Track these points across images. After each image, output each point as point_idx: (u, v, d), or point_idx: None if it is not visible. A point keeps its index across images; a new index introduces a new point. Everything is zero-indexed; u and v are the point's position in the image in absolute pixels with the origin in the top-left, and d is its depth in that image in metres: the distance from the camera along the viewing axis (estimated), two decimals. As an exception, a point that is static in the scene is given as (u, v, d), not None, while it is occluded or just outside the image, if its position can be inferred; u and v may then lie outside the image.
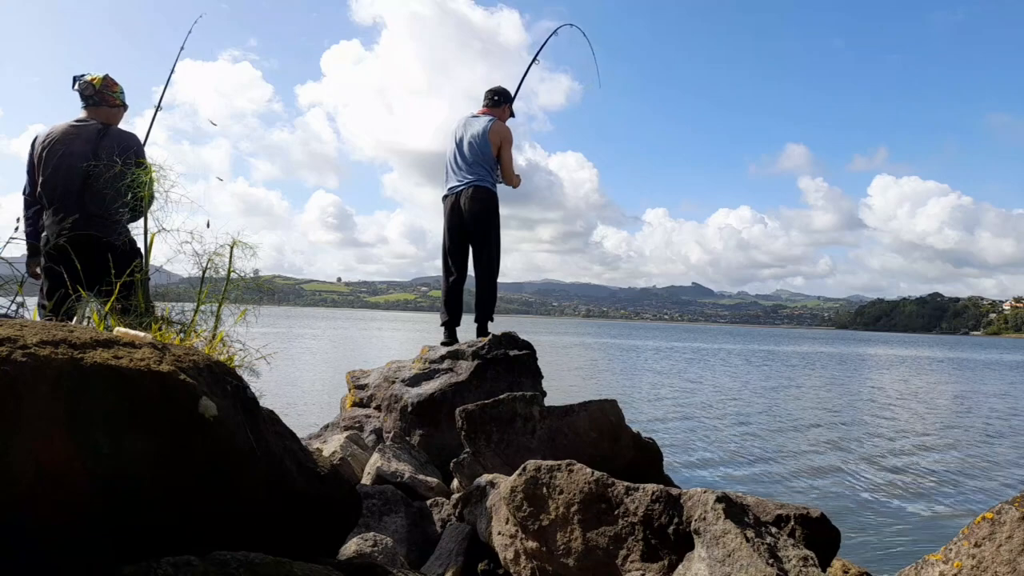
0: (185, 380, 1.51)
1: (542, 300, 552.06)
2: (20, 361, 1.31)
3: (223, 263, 2.59)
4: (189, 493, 1.51)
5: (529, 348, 4.60)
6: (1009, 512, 1.75)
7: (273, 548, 1.62)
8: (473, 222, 4.79)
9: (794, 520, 2.64)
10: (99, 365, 1.41)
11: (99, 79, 3.59)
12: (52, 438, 1.30)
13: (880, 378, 23.68)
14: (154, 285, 2.96)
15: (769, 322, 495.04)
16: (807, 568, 2.01)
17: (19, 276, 2.36)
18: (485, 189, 4.81)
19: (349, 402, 4.78)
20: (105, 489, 1.36)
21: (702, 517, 2.19)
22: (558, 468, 2.54)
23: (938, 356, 47.73)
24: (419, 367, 4.52)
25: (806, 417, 12.34)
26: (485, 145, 4.81)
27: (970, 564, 1.75)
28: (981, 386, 21.45)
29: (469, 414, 3.36)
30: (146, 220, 2.83)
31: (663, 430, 10.09)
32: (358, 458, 3.85)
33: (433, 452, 4.09)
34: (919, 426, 11.77)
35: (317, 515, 1.88)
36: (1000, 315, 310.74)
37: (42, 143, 3.51)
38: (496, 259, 4.93)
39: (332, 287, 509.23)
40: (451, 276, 4.92)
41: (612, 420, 3.44)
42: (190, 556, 1.40)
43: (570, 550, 2.44)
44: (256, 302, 2.68)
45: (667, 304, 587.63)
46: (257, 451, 1.66)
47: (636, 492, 2.41)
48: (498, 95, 5.04)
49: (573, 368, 21.80)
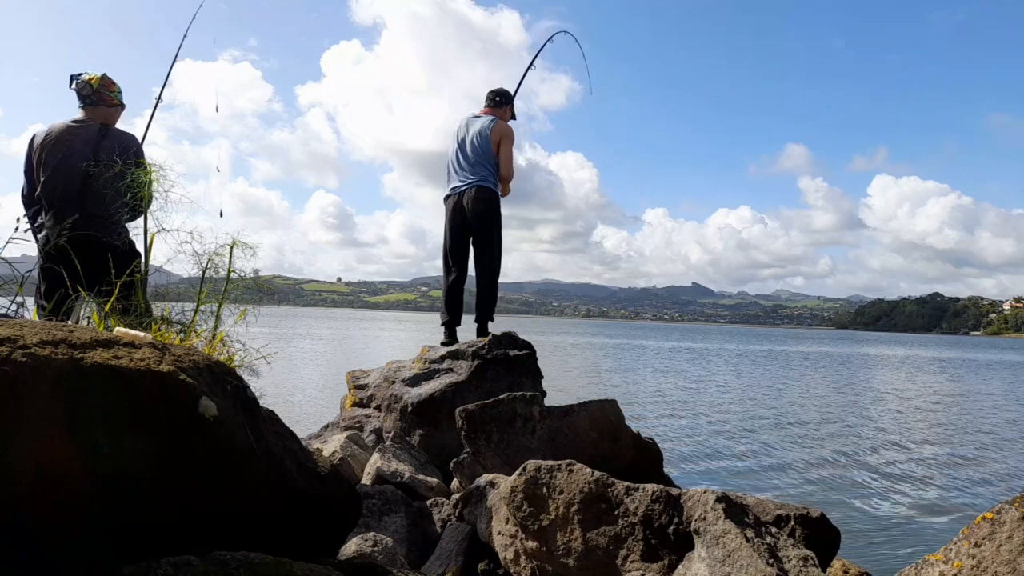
0: (185, 380, 1.51)
1: (542, 300, 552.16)
2: (20, 361, 1.31)
3: (223, 263, 2.60)
4: (189, 493, 1.50)
5: (529, 348, 4.60)
6: (1009, 512, 1.75)
7: (273, 548, 1.62)
8: (476, 222, 4.79)
9: (794, 520, 2.64)
10: (99, 365, 1.41)
11: (97, 78, 3.58)
12: (52, 438, 1.30)
13: (880, 378, 23.68)
14: (154, 285, 2.96)
15: (769, 322, 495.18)
16: (807, 568, 2.01)
17: (19, 276, 2.36)
18: (488, 189, 4.80)
19: (349, 402, 4.78)
20: (105, 489, 1.36)
21: (702, 517, 2.19)
22: (558, 468, 2.54)
23: (938, 356, 47.73)
24: (419, 367, 4.52)
25: (806, 417, 12.34)
26: (487, 145, 4.81)
27: (970, 564, 1.75)
28: (981, 386, 21.45)
29: (469, 414, 3.36)
30: (146, 220, 2.83)
31: (663, 430, 10.09)
32: (358, 458, 3.85)
33: (433, 452, 4.09)
34: (919, 426, 11.77)
35: (317, 515, 1.88)
36: (1000, 315, 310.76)
37: (40, 143, 3.49)
38: (498, 259, 4.93)
39: (332, 287, 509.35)
40: (451, 276, 4.92)
41: (612, 420, 3.44)
42: (190, 556, 1.40)
43: (570, 550, 2.44)
44: (256, 302, 2.68)
45: (667, 304, 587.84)
46: (257, 451, 1.66)
47: (636, 492, 2.41)
48: (500, 96, 5.05)
49: (573, 368, 21.80)
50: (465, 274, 4.98)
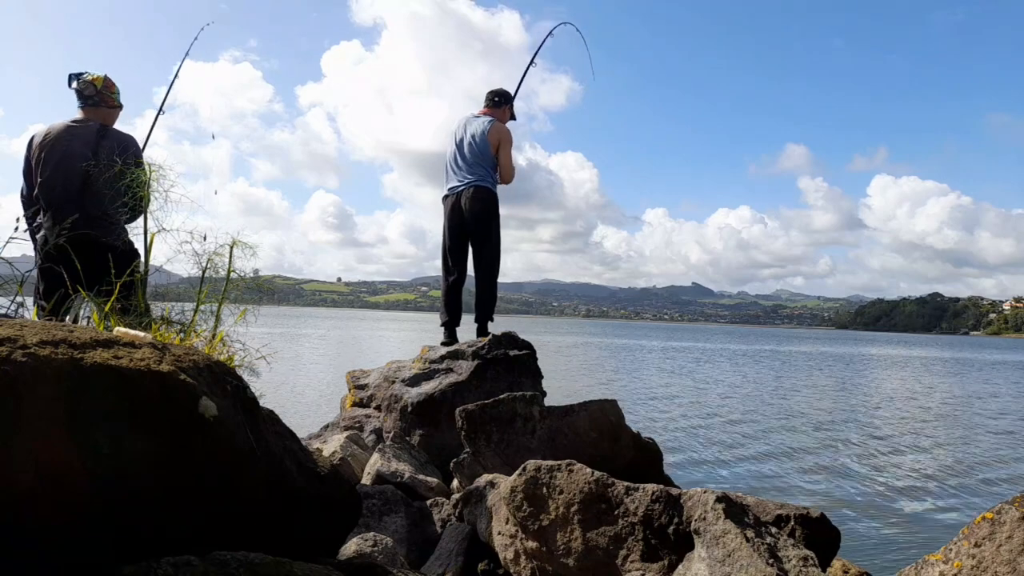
0: (185, 380, 1.51)
1: (542, 300, 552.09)
2: (20, 361, 1.31)
3: (223, 263, 2.59)
4: (189, 493, 1.50)
5: (529, 348, 4.60)
6: (1009, 512, 1.75)
7: (273, 548, 1.62)
8: (474, 222, 4.79)
9: (794, 520, 2.64)
10: (99, 365, 1.41)
11: (100, 79, 3.57)
12: (52, 438, 1.30)
13: (880, 378, 23.68)
14: (154, 285, 2.95)
15: (769, 322, 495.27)
16: (807, 568, 2.01)
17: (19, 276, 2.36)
18: (486, 189, 4.80)
19: (349, 402, 4.78)
20: (105, 489, 1.36)
21: (702, 517, 2.19)
22: (558, 468, 2.54)
23: (938, 356, 47.74)
24: (419, 367, 4.52)
25: (806, 417, 12.34)
26: (485, 145, 4.81)
27: (970, 564, 1.75)
28: (981, 386, 21.45)
29: (469, 414, 3.36)
30: (146, 220, 2.83)
31: (663, 430, 10.09)
32: (358, 458, 3.85)
33: (433, 452, 4.09)
34: (919, 426, 11.77)
35: (317, 515, 1.88)
36: (1000, 315, 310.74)
37: (39, 143, 3.48)
38: (496, 259, 4.93)
39: (332, 287, 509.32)
40: (451, 276, 4.92)
41: (612, 420, 3.44)
42: (190, 556, 1.40)
43: (570, 550, 2.44)
44: (256, 302, 2.68)
45: (667, 304, 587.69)
46: (257, 451, 1.66)
47: (636, 492, 2.41)
48: (499, 96, 5.04)
49: (573, 368, 21.80)
50: (464, 274, 4.98)
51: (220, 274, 2.60)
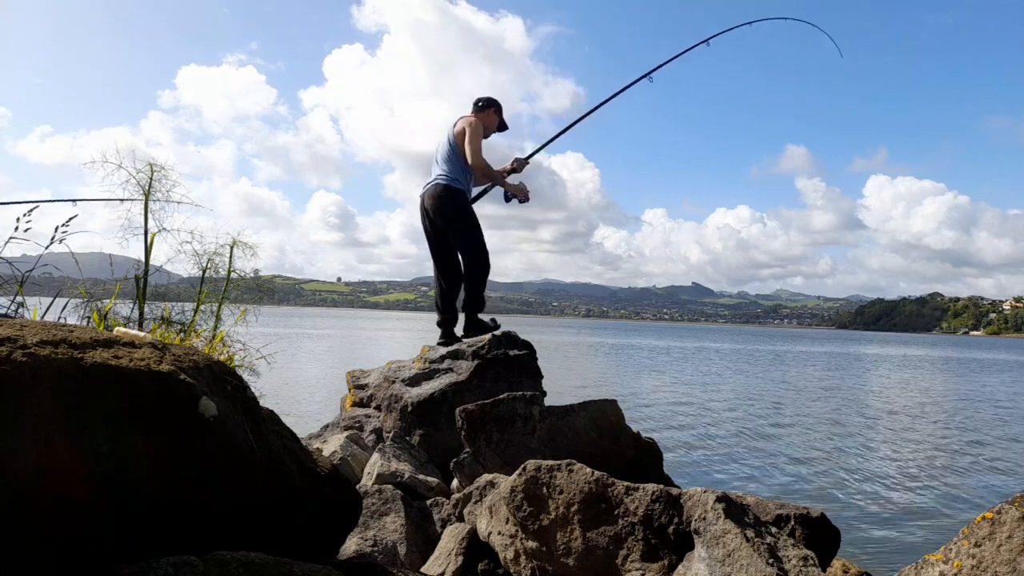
0: (185, 380, 1.51)
1: (542, 300, 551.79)
2: (20, 361, 1.31)
3: (223, 263, 2.60)
4: (189, 493, 1.50)
5: (529, 348, 4.60)
6: (1009, 512, 1.75)
7: (273, 548, 1.62)
8: (438, 220, 4.72)
9: (794, 520, 2.64)
10: (99, 365, 1.41)
11: None
12: (52, 438, 1.30)
13: (880, 378, 23.68)
14: (154, 285, 2.96)
15: (769, 322, 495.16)
16: (807, 568, 2.01)
17: (19, 276, 2.36)
18: (443, 186, 4.69)
19: (349, 402, 4.78)
20: (105, 489, 1.36)
21: (702, 517, 2.19)
22: (558, 468, 2.54)
23: (938, 356, 47.74)
24: (419, 367, 4.52)
25: (807, 417, 12.34)
26: (454, 142, 4.75)
27: (970, 564, 1.75)
28: (981, 386, 21.45)
29: (469, 414, 3.36)
30: (146, 220, 2.83)
31: (663, 430, 10.09)
32: (358, 458, 3.85)
33: (433, 452, 4.08)
34: (919, 426, 11.77)
35: (317, 515, 1.88)
36: (1000, 315, 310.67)
37: None
38: (472, 254, 4.78)
39: (332, 287, 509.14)
40: (439, 284, 4.87)
41: (612, 420, 3.44)
42: (190, 556, 1.40)
43: (570, 550, 2.44)
44: (256, 302, 2.69)
45: (667, 304, 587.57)
46: (257, 451, 1.66)
47: (636, 492, 2.41)
48: (482, 101, 4.94)
49: (573, 368, 21.80)
50: (451, 279, 4.87)
51: (220, 274, 2.60)
